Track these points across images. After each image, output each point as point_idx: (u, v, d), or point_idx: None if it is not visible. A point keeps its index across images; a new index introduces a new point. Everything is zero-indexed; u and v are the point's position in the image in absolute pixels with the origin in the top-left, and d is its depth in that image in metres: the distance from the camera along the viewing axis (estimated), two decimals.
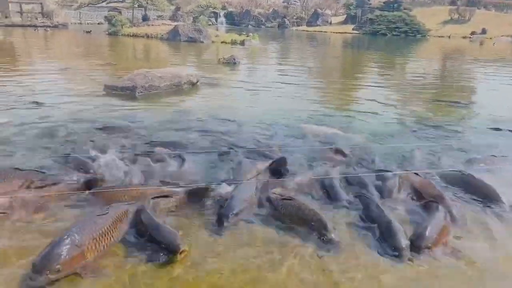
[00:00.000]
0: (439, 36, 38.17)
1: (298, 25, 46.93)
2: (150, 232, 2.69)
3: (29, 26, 29.08)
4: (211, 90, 8.72)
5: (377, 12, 40.66)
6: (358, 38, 34.68)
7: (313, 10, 48.13)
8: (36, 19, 31.58)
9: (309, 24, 46.18)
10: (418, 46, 28.73)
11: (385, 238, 2.80)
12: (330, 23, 46.29)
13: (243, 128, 5.54)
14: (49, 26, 29.57)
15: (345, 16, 46.91)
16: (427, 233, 2.79)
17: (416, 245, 2.70)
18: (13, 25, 28.61)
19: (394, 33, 38.29)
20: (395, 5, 41.10)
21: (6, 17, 30.56)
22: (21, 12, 32.40)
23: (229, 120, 5.94)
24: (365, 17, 41.26)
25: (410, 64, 16.82)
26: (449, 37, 37.57)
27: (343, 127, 5.69)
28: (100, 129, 5.13)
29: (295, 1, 51.62)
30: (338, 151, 4.41)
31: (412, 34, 38.26)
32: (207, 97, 7.94)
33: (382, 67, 14.95)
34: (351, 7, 44.55)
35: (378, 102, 7.74)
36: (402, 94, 9.13)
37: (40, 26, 28.75)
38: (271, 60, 16.67)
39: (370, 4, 43.73)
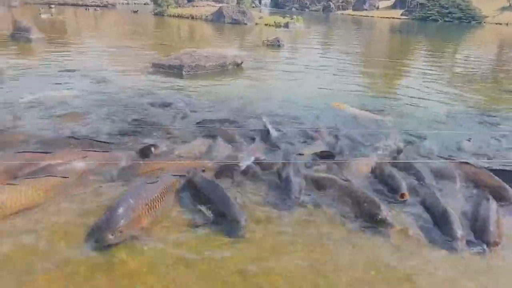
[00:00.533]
0: (496, 23, 35.74)
1: (344, 9, 45.51)
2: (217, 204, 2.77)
3: (81, 5, 30.04)
4: (255, 71, 8.68)
5: None
6: (406, 24, 33.18)
7: None
8: None
9: (355, 8, 44.63)
10: (473, 33, 27.07)
11: (441, 227, 2.70)
12: (377, 7, 44.49)
13: (288, 110, 5.48)
14: (99, 6, 30.44)
15: (393, 0, 44.88)
16: (492, 228, 2.68)
17: (485, 241, 2.60)
18: (65, 4, 29.68)
19: (446, 19, 36.20)
20: None
21: None
22: None
23: (274, 101, 5.91)
24: (415, 1, 39.28)
25: (464, 51, 15.90)
26: (507, 24, 35.09)
27: (388, 112, 5.51)
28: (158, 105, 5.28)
29: None
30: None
31: (467, 20, 36.04)
32: (252, 78, 7.90)
33: (432, 54, 14.24)
34: None
35: (426, 90, 7.40)
36: (454, 82, 8.66)
37: (91, 6, 29.63)
38: (315, 43, 16.32)
39: None
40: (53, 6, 25.99)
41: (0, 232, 2.44)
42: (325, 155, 3.74)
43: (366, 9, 43.43)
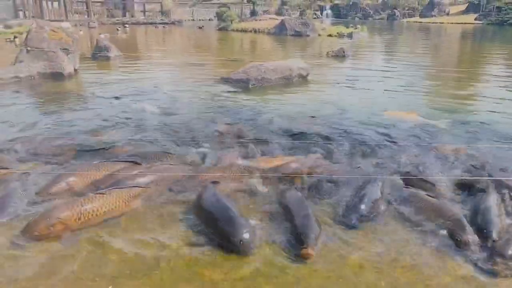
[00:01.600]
0: None
1: (410, 16, 43.75)
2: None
3: (150, 23, 31.96)
4: (321, 83, 8.57)
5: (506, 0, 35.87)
6: (480, 29, 31.04)
7: (428, 0, 44.35)
8: (156, 17, 34.59)
9: (422, 15, 42.72)
10: None
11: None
12: (448, 13, 42.18)
13: (359, 124, 5.29)
14: (167, 23, 32.19)
15: (466, 4, 42.33)
16: None
17: None
18: (138, 23, 31.77)
19: None
20: None
21: (132, 16, 34.11)
22: (144, 11, 35.84)
23: (343, 114, 5.77)
24: (491, 5, 36.71)
25: None
26: None
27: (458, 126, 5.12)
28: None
29: None
30: None
31: None
32: (319, 90, 7.80)
33: (508, 61, 13.12)
34: None
35: (500, 101, 6.79)
36: None
37: (159, 23, 31.43)
38: (381, 52, 15.81)
39: None
40: (127, 25, 27.96)
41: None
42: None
43: (434, 16, 41.39)
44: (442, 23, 37.47)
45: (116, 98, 6.54)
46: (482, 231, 2.63)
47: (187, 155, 3.96)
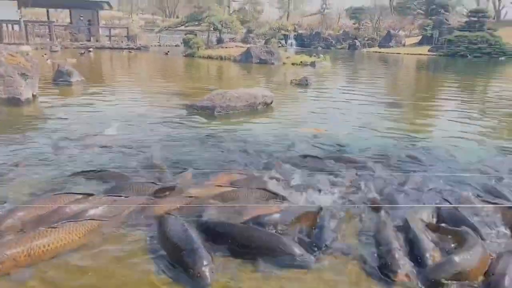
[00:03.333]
0: None
1: (370, 47, 46.03)
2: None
3: (116, 48, 31.70)
4: (285, 110, 8.77)
5: (457, 33, 38.55)
6: (434, 60, 33.05)
7: (386, 31, 46.98)
8: (122, 42, 34.38)
9: (381, 45, 45.08)
10: (505, 68, 26.60)
11: None
12: (404, 44, 44.79)
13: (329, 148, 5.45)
14: (133, 48, 32.04)
15: (420, 37, 45.14)
16: None
17: None
18: (102, 48, 31.42)
19: (476, 54, 35.87)
20: (477, 25, 38.64)
21: (97, 40, 33.72)
22: (109, 36, 35.55)
23: (314, 140, 5.92)
24: (443, 38, 39.32)
25: (497, 87, 15.56)
26: None
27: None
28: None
29: (367, 23, 50.82)
30: None
31: (497, 55, 35.59)
32: (283, 117, 7.97)
33: (461, 89, 14.02)
34: (428, 28, 42.75)
35: (454, 127, 7.23)
36: (489, 118, 8.42)
37: (125, 48, 31.24)
38: (342, 81, 16.43)
39: (450, 24, 41.65)
40: (91, 50, 27.58)
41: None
42: None
43: (392, 46, 43.76)
44: (399, 53, 39.63)
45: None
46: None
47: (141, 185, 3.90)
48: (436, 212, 3.43)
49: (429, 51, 39.29)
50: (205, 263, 2.51)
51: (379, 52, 42.03)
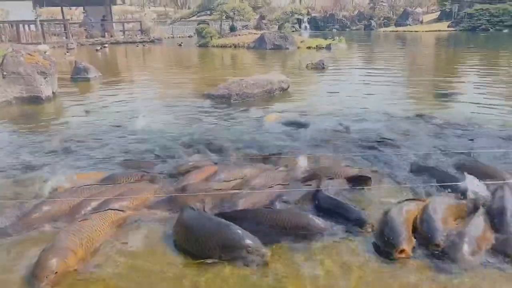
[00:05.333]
0: None
1: (386, 26, 44.83)
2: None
3: (130, 42, 31.87)
4: (302, 94, 8.67)
5: (477, 6, 37.11)
6: (454, 35, 32.01)
7: (402, 9, 45.60)
8: (136, 35, 34.52)
9: (398, 24, 43.80)
10: None
11: None
12: (422, 21, 43.40)
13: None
14: (147, 42, 32.14)
15: (438, 13, 43.67)
16: None
17: None
18: (117, 43, 31.64)
19: (498, 27, 34.52)
20: None
21: (111, 36, 33.95)
22: (123, 31, 35.73)
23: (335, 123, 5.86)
24: (463, 12, 37.94)
25: None
26: None
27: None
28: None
29: (382, 1, 49.45)
30: None
31: None
32: (300, 101, 7.87)
33: (483, 65, 13.53)
34: (446, 3, 41.28)
35: (480, 102, 6.98)
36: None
37: (139, 42, 31.38)
38: (359, 62, 16.11)
39: None
40: (106, 45, 27.82)
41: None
42: None
43: (409, 24, 42.46)
44: (417, 31, 38.46)
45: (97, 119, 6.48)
46: None
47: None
48: None
49: (448, 26, 38.02)
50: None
51: (396, 31, 40.91)
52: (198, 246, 2.64)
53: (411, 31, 38.90)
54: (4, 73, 7.59)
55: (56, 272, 2.35)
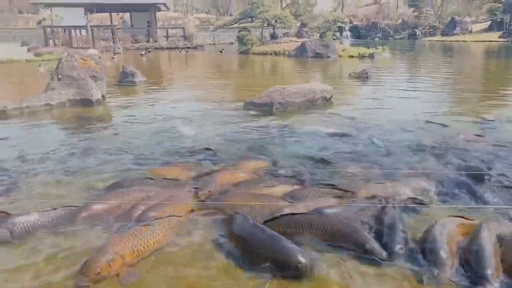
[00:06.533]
0: None
1: (432, 35, 43.42)
2: None
3: (173, 48, 32.75)
4: (345, 104, 8.51)
5: None
6: (506, 46, 30.46)
7: (450, 18, 44.05)
8: (179, 41, 35.45)
9: (444, 33, 42.32)
10: None
11: None
12: (470, 31, 41.70)
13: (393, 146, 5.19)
14: (189, 48, 32.93)
15: (489, 22, 41.80)
16: None
17: None
18: (161, 48, 32.63)
19: None
20: None
21: (155, 41, 35.08)
22: (167, 36, 36.83)
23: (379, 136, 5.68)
24: None
25: None
26: None
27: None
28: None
29: (428, 10, 48.01)
30: None
31: None
32: (344, 111, 7.72)
33: None
34: (497, 12, 39.45)
35: None
36: None
37: (182, 48, 32.20)
38: (404, 72, 15.66)
39: None
40: (150, 50, 28.77)
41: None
42: None
43: (457, 34, 40.94)
44: (465, 41, 36.98)
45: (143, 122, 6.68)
46: None
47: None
48: None
49: (499, 37, 36.26)
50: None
51: (442, 41, 39.52)
52: (250, 258, 2.63)
53: (459, 41, 37.44)
54: (59, 76, 8.00)
55: (99, 273, 2.42)
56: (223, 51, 28.76)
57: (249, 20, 36.34)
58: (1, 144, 5.47)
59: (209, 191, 3.63)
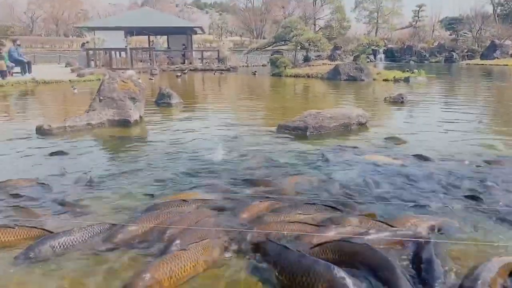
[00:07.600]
0: None
1: (470, 59, 42.31)
2: None
3: (208, 70, 33.57)
4: (381, 130, 8.32)
5: None
6: None
7: (489, 42, 42.88)
8: (213, 63, 36.30)
9: (483, 57, 41.14)
10: None
11: None
12: (511, 55, 40.35)
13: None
14: (223, 70, 33.64)
15: None
16: None
17: None
18: (196, 70, 33.52)
19: None
20: None
21: (190, 63, 36.10)
22: (202, 59, 37.83)
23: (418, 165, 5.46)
24: None
25: None
26: None
27: None
28: None
29: (465, 33, 47.01)
30: None
31: None
32: (379, 138, 7.54)
33: None
34: None
35: None
36: None
37: (216, 70, 32.93)
38: (442, 97, 15.22)
39: None
40: (185, 71, 29.60)
41: None
42: None
43: (497, 57, 39.70)
44: (506, 65, 35.74)
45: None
46: None
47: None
48: None
49: None
50: None
51: (482, 64, 38.37)
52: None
53: (499, 65, 36.23)
54: (101, 97, 8.33)
55: None
56: (256, 73, 29.15)
57: (282, 43, 36.83)
58: (68, 162, 5.67)
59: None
